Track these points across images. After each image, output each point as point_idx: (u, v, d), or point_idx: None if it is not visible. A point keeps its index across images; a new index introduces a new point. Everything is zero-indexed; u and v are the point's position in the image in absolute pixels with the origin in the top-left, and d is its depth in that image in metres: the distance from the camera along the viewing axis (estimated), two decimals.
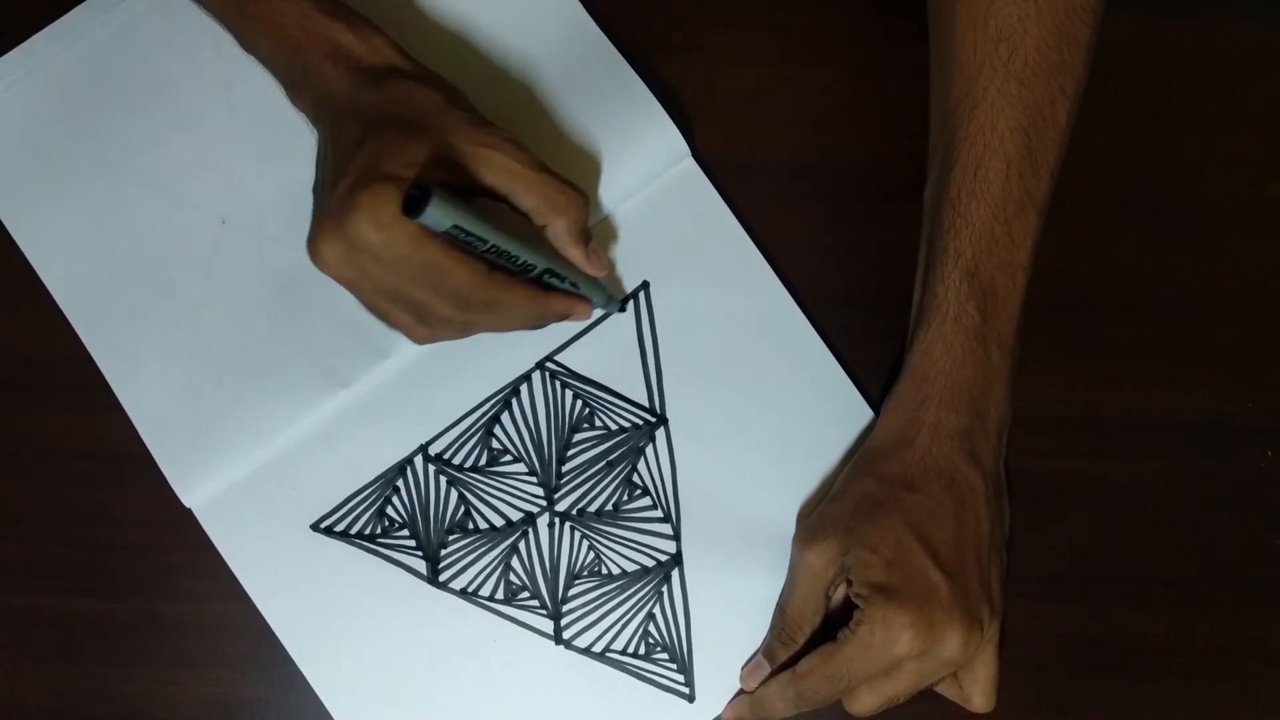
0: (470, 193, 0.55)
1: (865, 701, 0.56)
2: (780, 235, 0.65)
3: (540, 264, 0.56)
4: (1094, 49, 0.59)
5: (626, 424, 0.63)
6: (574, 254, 0.58)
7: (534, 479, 0.63)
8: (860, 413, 0.64)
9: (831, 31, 0.67)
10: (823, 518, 0.59)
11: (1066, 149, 0.59)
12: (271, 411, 0.62)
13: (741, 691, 0.61)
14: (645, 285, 0.64)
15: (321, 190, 0.55)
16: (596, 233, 0.64)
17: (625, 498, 0.63)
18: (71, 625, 0.62)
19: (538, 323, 0.59)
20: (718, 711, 0.62)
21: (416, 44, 0.64)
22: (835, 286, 0.65)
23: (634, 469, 0.63)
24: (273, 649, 0.61)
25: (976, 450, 0.57)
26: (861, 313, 0.65)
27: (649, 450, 0.63)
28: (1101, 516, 0.64)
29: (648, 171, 0.64)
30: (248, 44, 0.59)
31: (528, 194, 0.55)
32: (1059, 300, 0.65)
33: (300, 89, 0.57)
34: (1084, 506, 0.64)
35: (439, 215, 0.50)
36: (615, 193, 0.64)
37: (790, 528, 0.62)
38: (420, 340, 0.57)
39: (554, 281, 0.58)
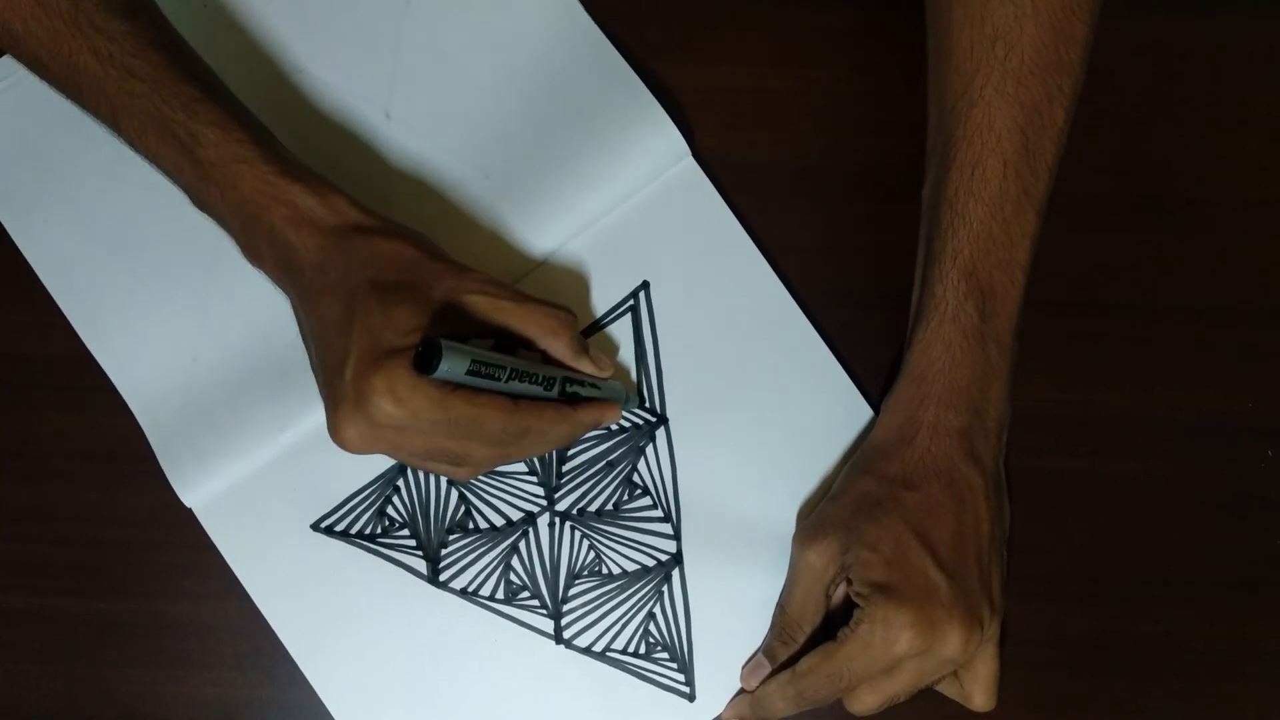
0: (467, 335, 0.55)
1: (865, 700, 0.57)
2: (780, 235, 0.65)
3: (558, 374, 0.57)
4: (1091, 48, 0.59)
5: (627, 424, 0.63)
6: (582, 365, 0.58)
7: (534, 479, 0.63)
8: (860, 412, 0.64)
9: (831, 31, 0.67)
10: (823, 517, 0.59)
11: (1064, 148, 0.59)
12: (272, 411, 0.62)
13: (742, 691, 0.61)
14: (645, 285, 0.64)
15: (323, 371, 0.54)
16: (597, 234, 0.64)
17: (625, 497, 0.63)
18: (71, 625, 0.62)
19: (571, 438, 0.59)
20: (718, 711, 0.62)
21: (417, 46, 0.64)
22: (835, 286, 0.65)
23: (634, 469, 0.63)
24: (273, 649, 0.61)
25: (976, 449, 0.57)
26: (861, 312, 0.65)
27: (649, 450, 0.63)
28: (1101, 516, 0.64)
29: (648, 171, 0.64)
30: (204, 204, 0.57)
31: (521, 326, 0.56)
32: (1059, 300, 0.65)
33: (261, 254, 0.56)
34: (1084, 506, 0.64)
35: (453, 364, 0.50)
36: (615, 193, 0.64)
37: (790, 527, 0.62)
38: (463, 479, 0.58)
39: (578, 390, 0.58)
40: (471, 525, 0.62)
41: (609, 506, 0.63)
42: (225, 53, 0.64)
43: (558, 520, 0.63)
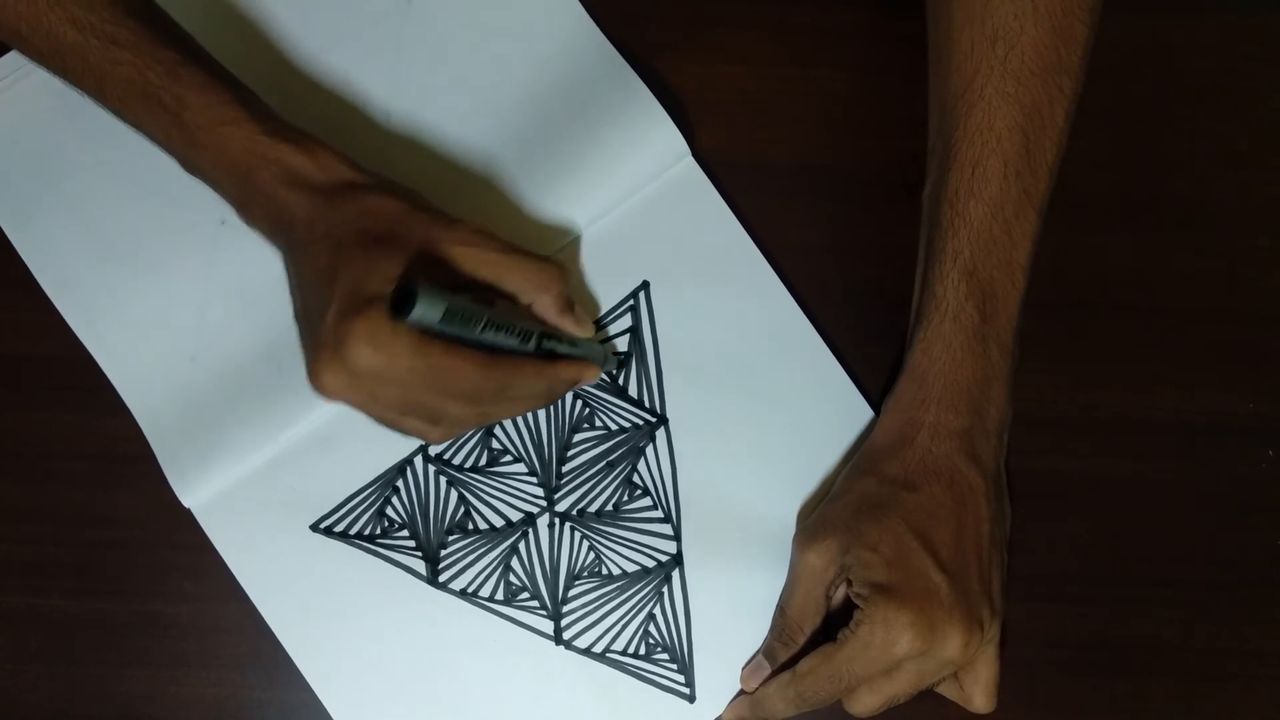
0: (453, 288, 0.55)
1: (866, 702, 0.56)
2: (780, 235, 0.65)
3: (536, 328, 0.56)
4: (1091, 48, 0.59)
5: (627, 424, 0.63)
6: (563, 324, 0.58)
7: (534, 479, 0.63)
8: (860, 412, 0.64)
9: (831, 31, 0.67)
10: (823, 518, 0.59)
11: (1065, 149, 0.59)
12: (271, 412, 0.62)
13: (742, 692, 0.61)
14: (645, 285, 0.64)
15: (305, 319, 0.54)
16: (597, 234, 0.64)
17: (625, 498, 0.63)
18: (71, 625, 0.62)
19: (549, 396, 0.59)
20: (718, 712, 0.62)
21: (418, 46, 0.64)
22: (835, 286, 0.65)
23: (634, 469, 0.63)
24: (272, 649, 0.61)
25: (977, 450, 0.57)
26: (861, 312, 0.65)
27: (649, 450, 0.63)
28: (1101, 516, 0.64)
29: (648, 171, 0.64)
30: (195, 169, 0.57)
31: (509, 279, 0.56)
32: (1059, 300, 0.65)
33: (252, 212, 0.56)
34: (1084, 506, 0.64)
35: (429, 307, 0.50)
36: (615, 193, 0.64)
37: (790, 527, 0.62)
38: (437, 441, 0.57)
39: (554, 345, 0.58)
40: (471, 526, 0.62)
41: (609, 507, 0.63)
42: (223, 52, 0.64)
43: (557, 521, 0.63)
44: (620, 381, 0.64)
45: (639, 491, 0.63)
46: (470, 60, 0.65)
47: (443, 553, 0.62)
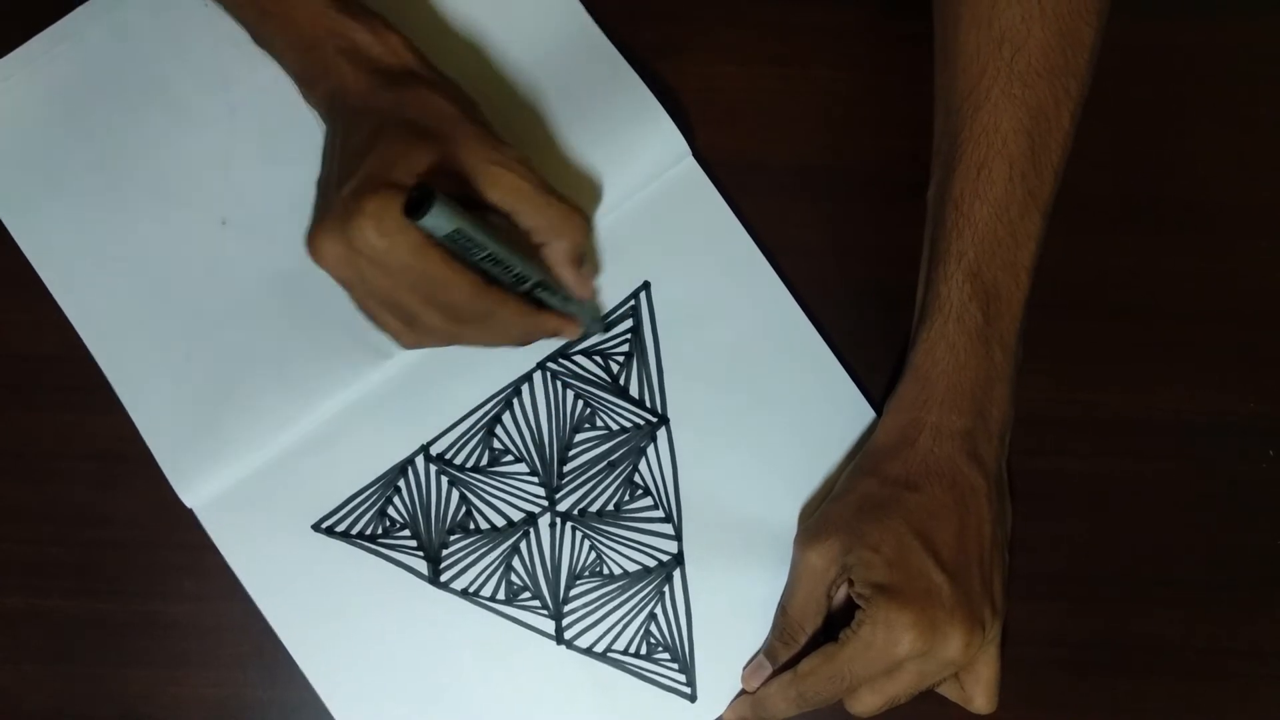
0: (473, 206, 0.55)
1: (867, 702, 0.57)
2: (781, 235, 0.65)
3: (534, 275, 0.56)
4: (1098, 51, 0.59)
5: (628, 424, 0.63)
6: (567, 275, 0.58)
7: (535, 479, 0.63)
8: (862, 413, 0.64)
9: (831, 31, 0.67)
10: (824, 518, 0.59)
11: (1070, 151, 0.59)
12: (272, 411, 0.61)
13: (743, 692, 0.61)
14: (645, 285, 0.64)
15: (326, 186, 0.54)
16: (598, 234, 0.64)
17: (626, 498, 0.63)
18: (71, 625, 0.62)
19: (525, 339, 0.59)
20: (719, 712, 0.62)
21: (418, 42, 0.64)
22: (836, 286, 0.65)
23: (635, 469, 0.63)
24: (274, 649, 0.61)
25: (979, 451, 0.57)
26: (863, 313, 0.65)
27: (650, 450, 0.63)
28: (1101, 516, 0.64)
29: (648, 171, 0.64)
30: (263, 40, 0.59)
31: (533, 214, 0.55)
32: (1059, 301, 0.65)
33: (314, 85, 0.57)
34: (1084, 506, 0.64)
35: (441, 219, 0.50)
36: (615, 193, 0.64)
37: (792, 527, 0.62)
38: (407, 346, 0.57)
39: (545, 296, 0.58)
40: (472, 526, 0.62)
41: (610, 507, 0.63)
42: None
43: (559, 521, 0.63)
44: (621, 381, 0.64)
45: (640, 491, 0.63)
46: (470, 60, 0.65)
47: (444, 552, 0.62)
